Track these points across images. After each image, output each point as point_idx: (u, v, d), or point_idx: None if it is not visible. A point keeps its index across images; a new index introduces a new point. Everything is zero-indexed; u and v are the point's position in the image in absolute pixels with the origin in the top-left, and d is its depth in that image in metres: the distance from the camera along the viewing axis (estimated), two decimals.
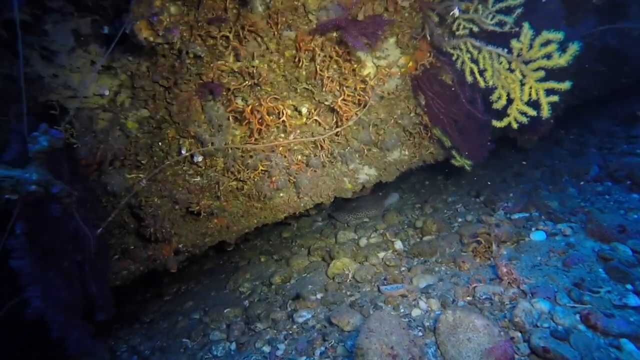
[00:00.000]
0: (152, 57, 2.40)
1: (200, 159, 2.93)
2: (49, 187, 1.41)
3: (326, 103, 3.08)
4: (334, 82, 2.95)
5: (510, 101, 2.45)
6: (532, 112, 2.31)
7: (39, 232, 1.68)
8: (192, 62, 2.52)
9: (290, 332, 2.92)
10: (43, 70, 1.88)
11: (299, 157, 3.36)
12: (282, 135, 3.04)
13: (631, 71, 4.93)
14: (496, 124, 2.49)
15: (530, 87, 2.28)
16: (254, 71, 2.69)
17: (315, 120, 3.15)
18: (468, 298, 2.54)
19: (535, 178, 4.58)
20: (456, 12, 2.61)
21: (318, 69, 2.86)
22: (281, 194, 3.52)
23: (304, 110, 3.08)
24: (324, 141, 3.34)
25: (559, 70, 2.26)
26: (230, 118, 2.91)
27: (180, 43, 2.31)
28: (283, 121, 2.97)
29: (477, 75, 2.57)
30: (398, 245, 3.83)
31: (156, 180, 3.00)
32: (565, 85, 2.13)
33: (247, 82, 2.73)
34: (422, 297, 2.72)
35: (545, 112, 2.24)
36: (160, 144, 2.86)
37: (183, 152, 2.79)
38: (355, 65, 2.96)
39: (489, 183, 4.92)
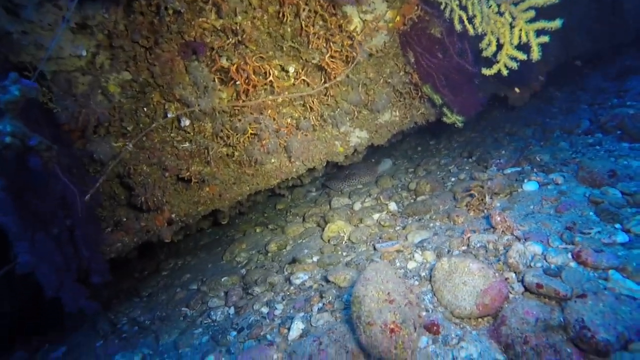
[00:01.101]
0: (130, 14, 2.30)
1: (187, 123, 2.87)
2: (26, 139, 1.36)
3: (313, 62, 3.00)
4: (320, 38, 2.87)
5: (500, 47, 2.40)
6: (522, 56, 2.27)
7: (24, 192, 1.63)
8: (172, 20, 2.42)
9: (288, 293, 2.95)
10: (10, 26, 1.78)
11: (289, 120, 3.31)
12: (270, 97, 2.97)
13: (626, 25, 4.86)
14: (486, 71, 2.45)
15: (520, 30, 2.23)
16: (237, 28, 2.60)
17: (304, 80, 3.08)
18: (463, 247, 2.56)
19: (527, 136, 4.57)
20: None
21: (303, 25, 2.77)
22: (272, 160, 3.48)
23: (291, 70, 3.01)
24: (313, 102, 3.28)
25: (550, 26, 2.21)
26: (216, 80, 2.83)
27: None
28: (270, 81, 2.90)
29: (466, 23, 2.50)
30: (392, 206, 3.83)
31: (144, 147, 2.94)
32: (556, 24, 2.08)
33: (230, 40, 2.64)
34: (418, 250, 2.74)
35: (536, 55, 2.20)
36: (145, 109, 2.78)
37: (169, 115, 2.72)
38: (342, 21, 2.87)
39: (481, 144, 4.92)
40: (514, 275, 2.08)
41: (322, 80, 3.16)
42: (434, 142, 6.01)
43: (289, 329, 2.40)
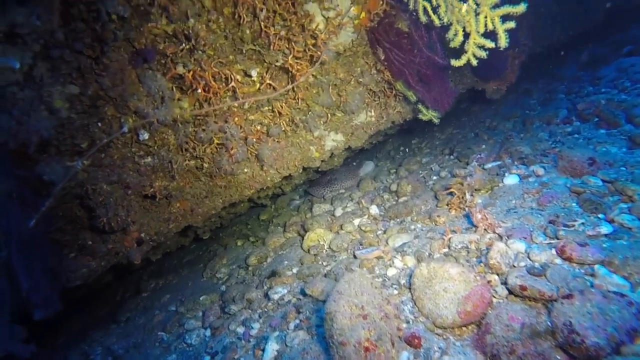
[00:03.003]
0: (69, 22, 2.13)
1: (146, 136, 2.69)
2: None
3: (277, 64, 2.85)
4: (282, 39, 2.73)
5: (467, 36, 2.28)
6: (489, 44, 2.16)
7: None
8: (118, 26, 2.26)
9: (265, 309, 2.77)
10: None
11: (258, 127, 3.15)
12: (233, 102, 2.82)
13: (589, 12, 4.84)
14: (455, 62, 2.33)
15: (486, 16, 2.11)
16: (190, 32, 2.44)
17: (269, 84, 2.94)
18: (444, 250, 2.42)
19: (507, 129, 4.49)
20: None
21: (263, 26, 2.63)
22: (245, 169, 3.32)
23: (254, 74, 2.86)
24: (282, 107, 3.14)
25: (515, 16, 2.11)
26: (174, 89, 2.67)
27: (98, 1, 2.05)
28: (233, 87, 2.74)
29: (431, 13, 2.39)
30: (373, 210, 3.69)
31: (102, 165, 2.76)
32: (521, 8, 1.97)
33: (185, 45, 2.48)
34: (397, 255, 2.59)
35: (503, 42, 2.08)
36: (99, 124, 2.60)
37: (125, 129, 2.54)
38: (303, 19, 2.74)
39: (462, 140, 4.82)
40: (496, 277, 1.95)
41: (289, 83, 3.02)
42: (416, 141, 5.91)
43: (263, 350, 2.23)
